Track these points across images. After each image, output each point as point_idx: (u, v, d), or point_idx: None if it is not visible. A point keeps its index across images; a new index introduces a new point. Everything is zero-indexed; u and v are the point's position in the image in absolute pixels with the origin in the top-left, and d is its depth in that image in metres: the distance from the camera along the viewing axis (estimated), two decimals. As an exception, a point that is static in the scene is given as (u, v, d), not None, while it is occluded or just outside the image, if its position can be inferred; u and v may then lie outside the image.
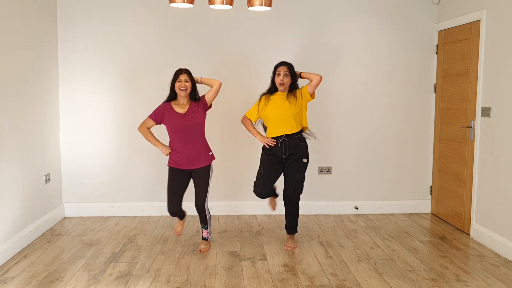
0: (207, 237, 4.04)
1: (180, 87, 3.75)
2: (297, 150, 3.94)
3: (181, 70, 3.81)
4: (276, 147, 3.93)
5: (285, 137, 3.92)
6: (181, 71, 3.79)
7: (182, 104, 3.83)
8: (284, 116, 3.90)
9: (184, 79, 3.76)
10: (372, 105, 5.11)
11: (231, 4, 3.88)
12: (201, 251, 3.96)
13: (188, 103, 3.84)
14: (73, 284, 3.32)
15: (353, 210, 5.19)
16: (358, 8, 5.01)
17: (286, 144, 3.92)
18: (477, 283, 3.37)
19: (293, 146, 3.93)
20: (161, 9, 4.86)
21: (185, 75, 3.78)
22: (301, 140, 3.98)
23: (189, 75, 3.79)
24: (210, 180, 3.95)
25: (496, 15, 4.03)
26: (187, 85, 3.76)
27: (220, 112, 5.00)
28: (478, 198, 4.29)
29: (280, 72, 3.92)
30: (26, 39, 4.14)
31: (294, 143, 3.93)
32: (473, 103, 4.36)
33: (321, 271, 3.57)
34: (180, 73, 3.78)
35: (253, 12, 4.82)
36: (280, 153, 3.93)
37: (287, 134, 3.91)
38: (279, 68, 3.94)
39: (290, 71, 3.93)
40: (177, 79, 3.77)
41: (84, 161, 4.97)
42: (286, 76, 3.91)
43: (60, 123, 4.92)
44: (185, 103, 3.83)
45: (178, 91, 3.77)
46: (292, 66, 3.97)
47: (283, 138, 3.92)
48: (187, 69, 3.83)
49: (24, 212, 4.10)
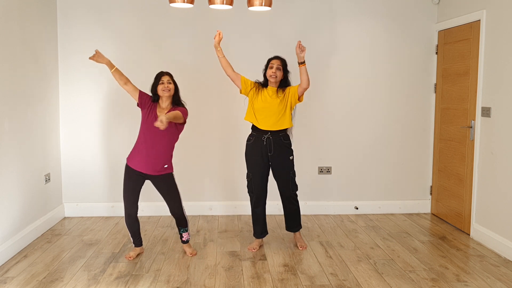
0: (189, 239, 3.95)
1: (163, 88, 3.66)
2: (282, 148, 3.93)
3: (163, 72, 3.73)
4: (261, 144, 3.91)
5: (270, 134, 3.89)
6: (163, 73, 3.71)
7: (163, 108, 3.71)
8: (271, 112, 3.86)
9: (167, 81, 3.68)
10: (372, 105, 5.12)
11: (231, 4, 3.88)
12: (192, 255, 3.90)
13: (169, 108, 3.72)
14: (73, 284, 3.32)
15: (353, 210, 5.20)
16: (358, 8, 5.01)
17: (271, 141, 3.90)
18: (477, 283, 3.37)
19: (278, 144, 3.91)
20: (161, 9, 4.86)
21: (167, 77, 3.70)
22: (285, 138, 3.95)
23: (171, 77, 3.73)
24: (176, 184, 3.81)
25: (496, 15, 4.03)
26: (170, 86, 3.68)
27: (219, 112, 5.01)
28: (478, 198, 4.29)
29: (273, 65, 3.89)
30: (26, 39, 4.14)
31: (279, 141, 3.91)
32: (473, 103, 4.36)
33: (321, 271, 3.57)
34: (162, 75, 3.70)
35: (253, 12, 4.82)
36: (265, 150, 3.91)
37: (272, 131, 3.89)
38: (273, 61, 3.92)
39: (283, 65, 3.91)
40: (159, 81, 3.68)
41: (84, 161, 4.97)
42: (278, 70, 3.88)
43: (60, 123, 4.92)
44: (165, 107, 3.71)
45: (161, 93, 3.66)
46: (285, 62, 3.94)
47: (268, 135, 3.89)
48: (168, 72, 3.76)
49: (24, 212, 4.10)
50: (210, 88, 4.99)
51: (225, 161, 5.06)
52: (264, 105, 3.87)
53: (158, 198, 4.95)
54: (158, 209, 5.02)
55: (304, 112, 5.01)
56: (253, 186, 3.99)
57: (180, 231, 3.93)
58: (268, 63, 3.94)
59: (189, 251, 3.94)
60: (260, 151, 3.92)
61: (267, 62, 3.96)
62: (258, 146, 3.92)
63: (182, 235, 3.93)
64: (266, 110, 3.87)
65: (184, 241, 3.95)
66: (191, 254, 3.92)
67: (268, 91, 3.91)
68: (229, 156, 5.04)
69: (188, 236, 3.95)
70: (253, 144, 3.96)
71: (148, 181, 3.80)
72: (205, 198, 5.11)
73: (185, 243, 3.96)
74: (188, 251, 3.94)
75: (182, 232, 3.92)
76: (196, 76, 4.97)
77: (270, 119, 3.87)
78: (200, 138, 5.02)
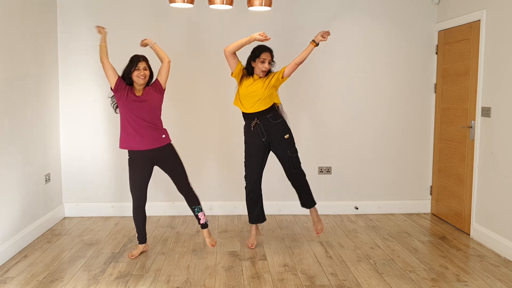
0: (206, 221, 3.83)
1: (139, 75, 3.55)
2: (274, 130, 3.90)
3: (139, 56, 3.60)
4: (252, 132, 3.92)
5: (257, 120, 3.88)
6: (139, 58, 3.58)
7: (137, 90, 3.65)
8: (256, 98, 3.83)
9: (143, 67, 3.58)
10: (372, 105, 5.12)
11: (231, 4, 3.88)
12: (213, 245, 3.84)
13: (144, 90, 3.67)
14: (73, 284, 3.32)
15: (353, 210, 5.20)
16: (358, 8, 5.01)
17: (261, 127, 3.89)
18: (477, 283, 3.37)
19: (268, 126, 3.90)
20: (161, 9, 4.86)
21: (144, 63, 3.59)
22: (273, 119, 3.91)
23: (147, 63, 3.62)
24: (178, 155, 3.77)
25: (496, 15, 4.03)
26: (146, 73, 3.57)
27: (218, 112, 5.01)
28: (478, 198, 4.29)
29: (265, 60, 3.84)
30: (26, 39, 4.14)
31: (268, 123, 3.89)
32: (473, 103, 4.36)
33: (321, 271, 3.57)
34: (138, 61, 3.57)
35: (253, 12, 4.82)
36: (258, 136, 3.91)
37: (259, 115, 3.86)
38: (264, 54, 3.84)
39: (272, 58, 3.90)
40: (135, 66, 3.56)
41: (84, 161, 4.97)
42: (269, 64, 3.87)
43: (60, 123, 4.92)
44: (139, 89, 3.66)
45: (136, 79, 3.56)
46: (273, 52, 3.92)
47: (255, 121, 3.89)
48: (144, 56, 3.64)
49: (24, 212, 4.10)
50: (210, 88, 4.99)
51: (225, 161, 5.06)
52: (249, 90, 3.84)
53: (158, 198, 4.98)
54: (158, 209, 5.03)
55: (304, 112, 5.01)
56: (248, 171, 3.99)
57: (195, 212, 3.81)
58: (259, 55, 3.85)
59: (209, 240, 3.86)
60: (253, 138, 3.93)
61: (257, 52, 3.87)
62: (250, 132, 3.94)
63: (198, 216, 3.81)
64: (250, 95, 3.84)
65: (203, 225, 3.85)
66: (211, 244, 3.85)
67: (254, 79, 3.88)
68: (229, 156, 5.04)
69: (205, 217, 3.82)
70: (246, 131, 3.99)
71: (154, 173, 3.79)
72: (205, 198, 5.10)
73: (205, 228, 3.86)
74: (208, 240, 3.86)
75: (197, 212, 3.81)
76: (196, 76, 4.97)
77: (255, 103, 3.85)
78: (200, 138, 5.02)
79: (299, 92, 5.01)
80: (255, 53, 3.89)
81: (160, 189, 4.96)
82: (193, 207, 3.85)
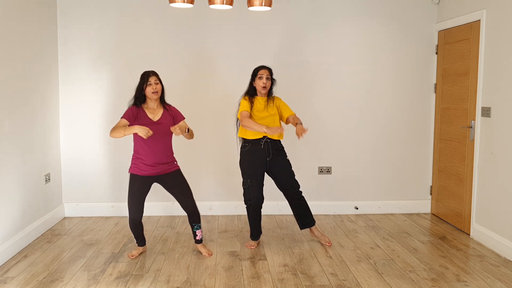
0: (202, 237, 3.94)
1: (152, 90, 3.61)
2: (278, 151, 4.03)
3: (149, 72, 3.66)
4: (259, 150, 3.94)
5: (267, 139, 3.94)
6: (149, 74, 3.64)
7: (152, 108, 3.69)
8: (269, 120, 3.93)
9: (154, 81, 3.63)
10: (372, 105, 5.12)
11: (231, 4, 3.88)
12: (209, 255, 3.87)
13: (159, 108, 3.71)
14: (73, 284, 3.32)
15: (353, 210, 5.20)
16: (358, 8, 5.01)
17: (269, 146, 3.95)
18: (477, 283, 3.37)
19: (275, 148, 3.99)
20: (161, 9, 4.86)
21: (154, 77, 3.65)
22: (279, 142, 4.06)
23: (157, 77, 3.68)
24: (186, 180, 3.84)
25: (496, 15, 4.03)
26: (157, 87, 3.64)
27: (218, 111, 5.01)
28: (478, 198, 4.29)
29: (262, 75, 3.91)
30: (26, 39, 4.14)
31: (275, 145, 4.00)
32: (473, 103, 4.36)
33: (321, 271, 3.57)
34: (148, 76, 3.63)
35: (253, 12, 4.82)
36: (264, 155, 3.95)
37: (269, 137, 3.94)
38: (261, 71, 3.94)
39: (271, 75, 3.97)
40: (147, 82, 3.61)
41: (84, 161, 4.97)
42: (268, 80, 3.93)
43: (60, 123, 4.92)
44: (155, 107, 3.70)
45: (150, 95, 3.62)
46: (271, 71, 4.00)
47: (265, 139, 3.94)
48: (154, 71, 3.71)
49: (24, 212, 4.10)
50: (209, 88, 4.99)
51: (225, 161, 5.06)
52: (262, 115, 3.92)
53: (159, 198, 4.98)
54: (158, 209, 5.03)
55: (304, 112, 5.01)
56: (251, 192, 3.98)
57: (194, 229, 3.87)
58: (256, 73, 3.95)
59: (204, 251, 3.90)
60: (257, 156, 3.95)
61: (255, 72, 3.98)
62: (255, 151, 3.95)
63: (196, 233, 3.88)
64: (264, 120, 3.92)
65: (198, 241, 3.91)
66: (208, 254, 3.88)
67: (260, 101, 3.96)
68: (229, 156, 5.04)
69: (201, 234, 3.91)
70: (249, 151, 3.97)
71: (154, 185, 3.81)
72: (205, 198, 5.11)
73: (199, 243, 3.93)
74: (204, 251, 3.90)
75: (195, 229, 3.87)
76: (195, 76, 4.97)
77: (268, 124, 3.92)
78: (200, 138, 5.01)
79: (299, 92, 5.01)
80: (254, 72, 3.99)
81: (160, 189, 4.94)
82: (194, 225, 3.89)
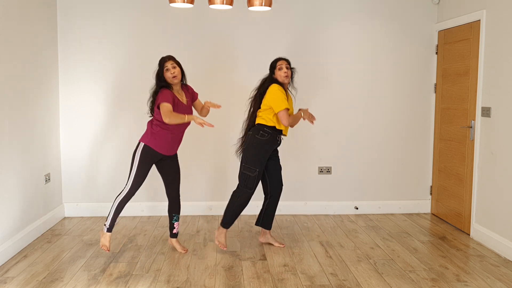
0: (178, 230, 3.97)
1: (171, 75, 3.58)
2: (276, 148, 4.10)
3: (165, 57, 3.65)
4: (274, 143, 3.96)
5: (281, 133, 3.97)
6: (165, 59, 3.63)
7: (177, 91, 3.70)
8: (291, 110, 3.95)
9: (172, 66, 3.61)
10: (372, 105, 5.11)
11: (231, 4, 3.88)
12: (185, 251, 3.92)
13: (182, 90, 3.75)
14: (73, 284, 3.32)
15: (353, 210, 5.20)
16: (358, 8, 5.01)
17: (281, 140, 4.02)
18: (477, 283, 3.37)
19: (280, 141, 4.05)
20: (161, 9, 4.86)
21: (171, 61, 3.63)
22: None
23: (174, 60, 3.65)
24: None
25: (496, 15, 4.03)
26: (175, 71, 3.60)
27: (218, 111, 5.00)
28: (478, 198, 4.29)
29: (281, 65, 3.87)
30: (26, 39, 4.14)
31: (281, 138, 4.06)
32: (473, 103, 4.36)
33: (321, 271, 3.57)
34: (165, 61, 3.62)
35: (253, 12, 4.82)
36: (273, 149, 4.00)
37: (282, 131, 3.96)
38: (279, 62, 3.90)
39: (289, 64, 3.95)
40: (164, 68, 3.60)
41: (84, 161, 4.97)
42: (288, 69, 3.90)
43: (60, 123, 4.92)
44: (179, 90, 3.72)
45: (171, 80, 3.60)
46: (289, 61, 3.98)
47: (281, 134, 3.97)
48: (170, 55, 3.69)
49: (24, 212, 4.10)
50: (209, 88, 4.98)
51: (225, 161, 5.05)
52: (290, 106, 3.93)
53: (158, 198, 4.97)
54: (158, 209, 5.02)
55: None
56: (256, 182, 3.96)
57: (173, 220, 3.92)
58: (275, 65, 3.91)
59: (179, 247, 3.95)
60: (271, 148, 3.96)
61: (274, 63, 3.93)
62: (271, 143, 3.93)
63: (174, 225, 3.92)
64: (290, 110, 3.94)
65: (175, 234, 3.95)
66: (184, 250, 3.93)
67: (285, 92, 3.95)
68: (229, 156, 5.03)
69: (178, 227, 3.96)
70: (267, 141, 3.91)
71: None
72: (205, 198, 5.11)
73: (175, 237, 3.96)
74: (179, 247, 3.95)
75: (174, 221, 3.92)
76: (195, 76, 4.96)
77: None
78: (200, 138, 5.02)
79: (299, 92, 5.01)
80: (272, 65, 3.96)
81: (160, 189, 4.94)
82: (173, 215, 3.92)
